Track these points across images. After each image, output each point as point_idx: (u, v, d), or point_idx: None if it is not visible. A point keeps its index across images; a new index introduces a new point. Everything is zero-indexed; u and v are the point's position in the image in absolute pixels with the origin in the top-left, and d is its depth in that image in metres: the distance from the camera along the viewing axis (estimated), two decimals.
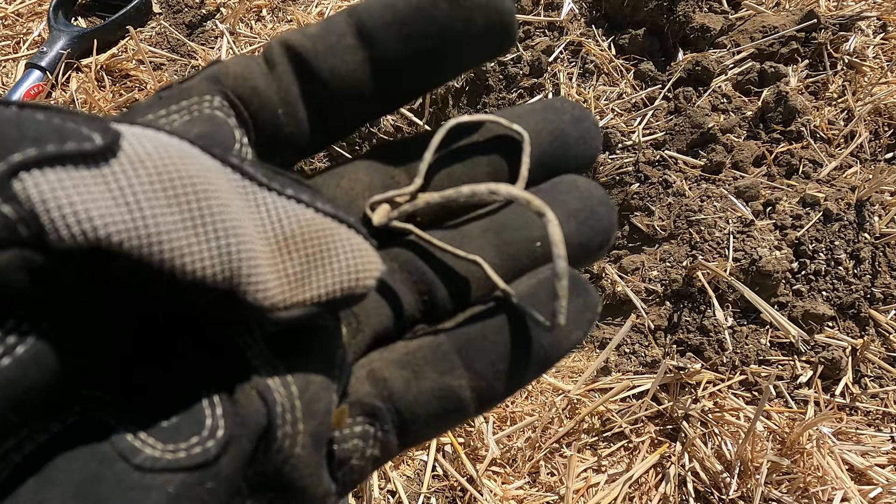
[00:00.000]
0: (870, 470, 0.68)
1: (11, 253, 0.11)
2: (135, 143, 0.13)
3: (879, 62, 0.99)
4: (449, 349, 0.17)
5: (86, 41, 1.03)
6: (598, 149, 0.22)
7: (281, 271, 0.15)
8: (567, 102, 0.22)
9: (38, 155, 0.12)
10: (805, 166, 0.86)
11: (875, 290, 0.77)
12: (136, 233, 0.12)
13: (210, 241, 0.13)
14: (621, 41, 1.02)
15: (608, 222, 0.21)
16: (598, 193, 0.21)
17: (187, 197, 0.13)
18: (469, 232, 0.20)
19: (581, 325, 0.19)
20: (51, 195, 0.12)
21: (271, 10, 1.13)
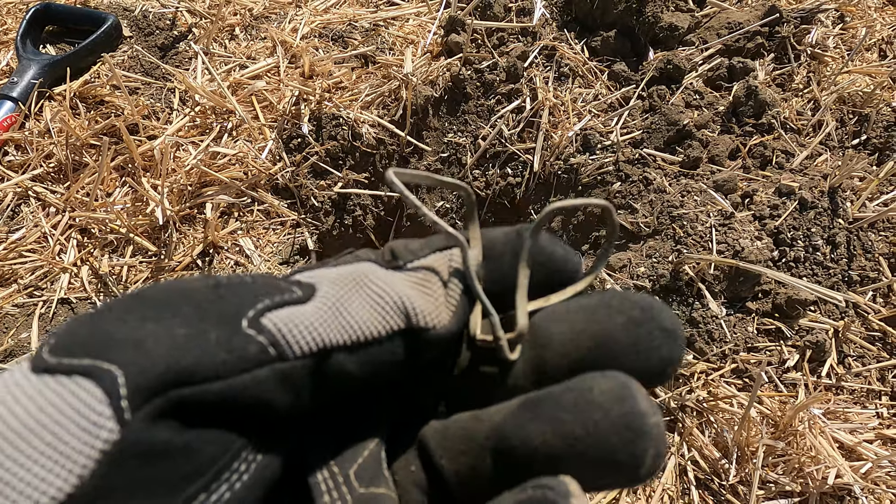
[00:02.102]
0: (859, 446, 0.71)
1: (268, 369, 0.16)
2: (321, 281, 0.19)
3: (840, 52, 1.03)
4: None
5: (57, 69, 1.02)
6: (666, 361, 0.18)
7: (429, 298, 0.19)
8: (628, 300, 0.18)
9: (271, 302, 0.17)
10: (778, 157, 0.89)
11: (852, 272, 0.80)
12: (342, 327, 0.17)
13: (383, 304, 0.18)
14: (593, 43, 1.04)
15: (625, 457, 0.16)
16: (616, 412, 0.16)
17: (358, 287, 0.19)
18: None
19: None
20: (289, 323, 0.17)
21: (244, 29, 1.13)
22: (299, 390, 0.17)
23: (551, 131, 0.94)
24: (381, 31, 1.11)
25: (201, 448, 0.15)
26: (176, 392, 0.15)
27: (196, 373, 0.15)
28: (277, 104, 1.00)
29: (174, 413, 0.15)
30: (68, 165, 0.94)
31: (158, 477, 0.15)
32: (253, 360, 0.16)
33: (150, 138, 0.97)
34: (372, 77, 1.04)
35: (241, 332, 0.16)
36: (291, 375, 0.16)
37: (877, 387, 0.76)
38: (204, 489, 0.15)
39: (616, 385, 0.16)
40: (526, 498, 0.16)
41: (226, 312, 0.16)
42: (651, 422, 0.16)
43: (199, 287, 0.17)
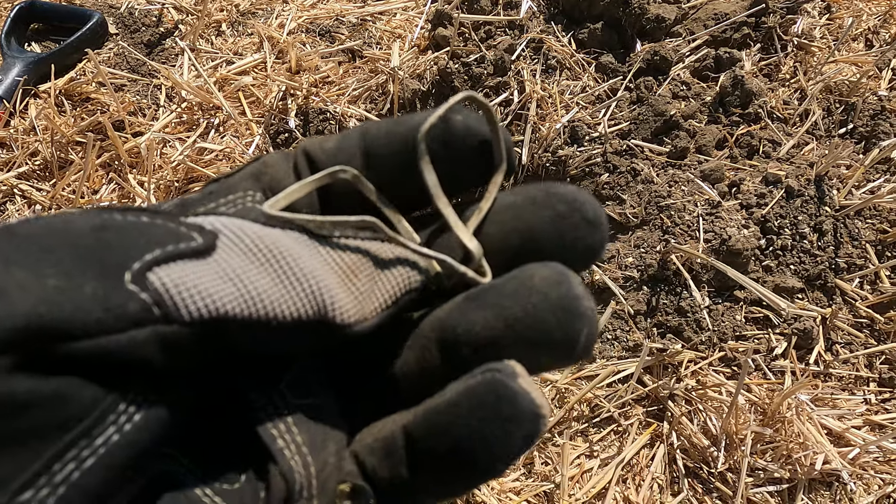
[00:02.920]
0: (847, 432, 0.71)
1: (149, 329, 0.15)
2: (227, 234, 0.17)
3: (826, 42, 1.03)
4: (400, 443, 0.18)
5: (42, 66, 1.01)
6: (591, 249, 0.19)
7: (353, 293, 0.18)
8: (553, 194, 0.19)
9: (162, 254, 0.15)
10: (765, 146, 0.90)
11: (839, 260, 0.80)
12: (243, 299, 0.16)
13: (297, 289, 0.17)
14: (581, 36, 1.04)
15: (561, 336, 0.17)
16: (554, 295, 0.17)
17: (271, 262, 0.17)
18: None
19: (508, 442, 0.16)
20: (179, 282, 0.15)
21: (231, 25, 1.13)
22: (183, 357, 0.16)
23: (539, 124, 0.94)
24: (369, 25, 1.11)
25: (75, 398, 0.14)
26: (40, 345, 0.14)
27: (64, 330, 0.14)
28: (264, 99, 0.99)
29: (39, 363, 0.14)
30: (54, 163, 0.93)
31: (26, 428, 0.14)
32: (131, 320, 0.14)
33: (136, 135, 0.97)
34: (359, 71, 1.04)
35: (123, 288, 0.15)
36: (175, 341, 0.15)
37: (864, 373, 0.76)
38: (84, 435, 0.15)
39: (554, 272, 0.18)
40: (475, 382, 0.17)
41: (108, 262, 0.15)
42: (585, 304, 0.17)
43: (83, 228, 0.15)
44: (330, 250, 0.18)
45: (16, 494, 0.14)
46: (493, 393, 0.17)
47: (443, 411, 0.17)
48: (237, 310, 0.16)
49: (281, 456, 0.17)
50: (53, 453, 0.14)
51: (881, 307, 0.79)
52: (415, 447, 0.18)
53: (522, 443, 0.16)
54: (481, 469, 0.17)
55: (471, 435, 0.17)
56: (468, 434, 0.17)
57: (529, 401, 0.16)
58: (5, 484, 0.14)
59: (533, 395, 0.17)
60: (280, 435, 0.18)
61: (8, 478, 0.14)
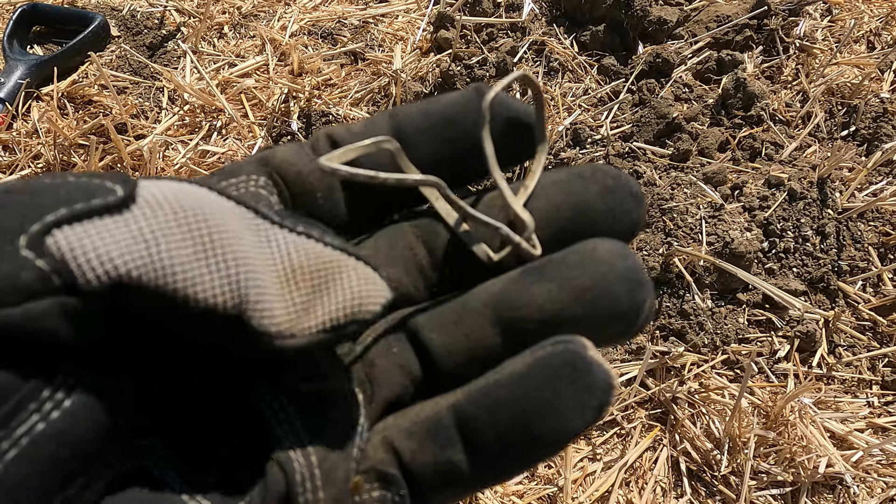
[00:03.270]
0: (850, 435, 0.71)
1: (49, 301, 0.13)
2: (153, 190, 0.15)
3: (829, 44, 1.03)
4: (449, 423, 0.17)
5: (45, 69, 1.01)
6: (635, 222, 0.19)
7: (288, 300, 0.16)
8: (599, 171, 0.19)
9: (68, 213, 0.13)
10: (767, 149, 0.90)
11: (842, 262, 0.80)
12: (152, 266, 0.14)
13: (220, 271, 0.15)
14: (583, 38, 1.04)
15: (628, 304, 0.17)
16: (620, 266, 0.17)
17: (200, 232, 0.15)
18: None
19: (583, 412, 0.16)
20: (77, 245, 0.13)
21: (233, 27, 1.13)
22: (92, 328, 0.14)
23: None
24: (371, 27, 1.11)
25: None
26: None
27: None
28: (266, 102, 0.99)
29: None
30: (56, 166, 0.93)
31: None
32: (25, 291, 0.13)
33: (138, 137, 0.97)
34: (361, 74, 1.04)
35: (16, 255, 0.13)
36: (80, 312, 0.13)
37: (867, 376, 0.76)
38: (1, 426, 0.13)
39: (617, 245, 0.18)
40: (546, 353, 0.17)
41: (3, 228, 0.13)
42: (647, 277, 0.18)
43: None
44: (282, 244, 0.16)
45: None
46: (568, 364, 0.16)
47: (507, 383, 0.17)
48: (142, 276, 0.14)
49: (278, 444, 0.16)
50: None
51: (884, 310, 0.79)
52: (469, 426, 0.17)
53: (594, 413, 0.16)
54: (546, 442, 0.16)
55: (542, 406, 0.16)
56: (540, 405, 0.16)
57: (604, 371, 0.16)
58: None
59: (605, 365, 0.17)
60: (279, 423, 0.17)
61: None
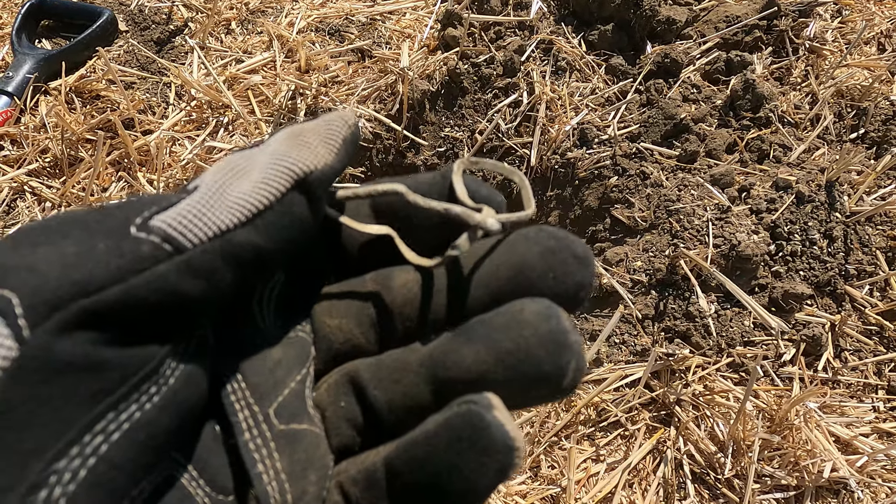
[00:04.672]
0: (855, 440, 0.71)
1: (167, 262, 0.16)
2: (205, 178, 0.19)
3: (838, 45, 1.02)
4: (381, 475, 0.19)
5: (53, 63, 1.01)
6: (579, 284, 0.19)
7: (304, 148, 0.20)
8: (543, 231, 0.19)
9: (157, 208, 0.17)
10: (775, 151, 0.89)
11: (849, 266, 0.80)
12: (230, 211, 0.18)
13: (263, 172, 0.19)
14: (591, 37, 1.03)
15: (550, 367, 0.17)
16: (543, 328, 0.17)
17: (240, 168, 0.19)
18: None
19: (485, 473, 0.17)
20: (177, 220, 0.17)
21: (241, 23, 1.13)
22: (211, 275, 0.17)
23: (548, 125, 0.94)
24: (378, 25, 1.10)
25: (111, 367, 0.15)
26: (76, 304, 0.15)
27: (91, 282, 0.15)
28: (273, 98, 0.99)
29: (81, 328, 0.15)
30: (64, 160, 0.93)
31: (62, 394, 0.15)
32: (149, 259, 0.16)
33: (145, 133, 0.97)
34: (368, 71, 1.03)
35: (131, 237, 0.16)
36: (196, 263, 0.17)
37: (873, 381, 0.76)
38: (112, 408, 0.15)
39: (543, 307, 0.18)
40: (452, 414, 0.17)
41: (113, 225, 0.17)
42: (573, 338, 0.18)
43: (88, 211, 0.17)
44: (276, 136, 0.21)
45: (52, 462, 0.14)
46: (468, 425, 0.17)
47: (421, 443, 0.18)
48: (230, 218, 0.17)
49: (258, 480, 0.18)
50: (86, 422, 0.15)
51: (891, 314, 0.78)
52: (395, 479, 0.18)
53: (495, 475, 0.17)
54: (458, 501, 0.17)
55: (447, 467, 0.17)
56: (445, 466, 0.17)
57: (503, 432, 0.17)
58: (41, 451, 0.14)
59: (507, 426, 0.17)
60: (261, 459, 0.18)
61: (45, 444, 0.14)
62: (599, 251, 0.87)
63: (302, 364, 0.20)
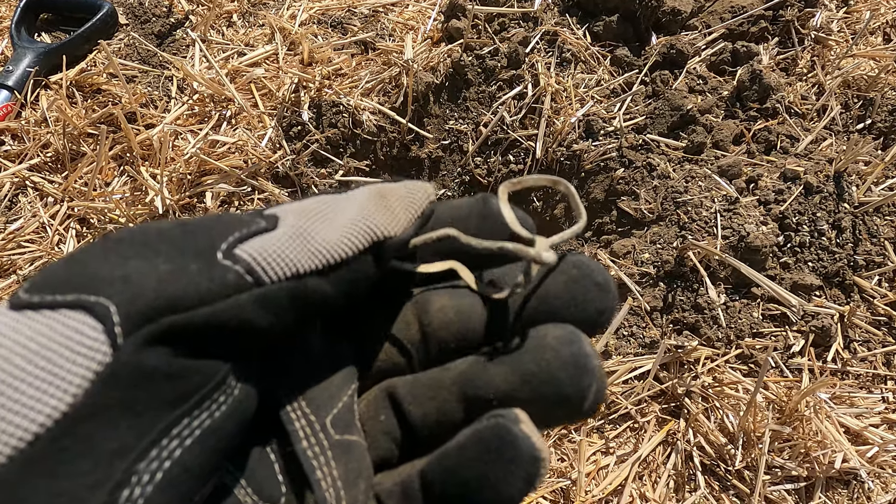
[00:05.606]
0: (865, 431, 0.71)
1: (247, 294, 0.17)
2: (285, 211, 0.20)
3: (844, 36, 1.02)
4: (417, 486, 0.20)
5: (53, 57, 1.00)
6: (600, 311, 0.20)
7: (388, 213, 0.20)
8: (568, 261, 0.21)
9: (240, 235, 0.18)
10: (783, 142, 0.89)
11: (857, 257, 0.80)
12: (311, 254, 0.18)
13: (345, 226, 0.19)
14: (595, 28, 1.03)
15: (571, 390, 0.19)
16: (565, 352, 0.19)
17: (323, 215, 0.20)
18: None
19: (512, 483, 0.18)
20: (261, 253, 0.18)
21: (242, 16, 1.12)
22: (280, 312, 0.18)
23: (553, 118, 0.94)
24: (381, 17, 1.09)
25: (188, 376, 0.16)
26: (167, 319, 0.16)
27: (183, 301, 0.16)
28: (277, 91, 0.98)
29: (164, 340, 0.16)
30: (66, 155, 0.93)
31: (146, 399, 0.16)
32: (232, 287, 0.17)
33: (148, 127, 0.96)
34: (372, 64, 1.03)
35: (219, 263, 0.17)
36: (270, 299, 0.18)
37: (882, 371, 0.76)
38: (187, 414, 0.16)
39: (566, 332, 0.19)
40: (482, 427, 0.19)
41: (201, 247, 0.17)
42: (594, 362, 0.19)
43: (170, 227, 0.18)
44: (361, 191, 0.21)
45: (134, 462, 0.15)
46: (496, 437, 0.18)
47: (453, 454, 0.19)
48: (309, 263, 0.18)
49: (318, 487, 0.19)
50: (164, 426, 0.16)
51: None
52: (429, 490, 0.19)
53: (523, 485, 0.18)
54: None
55: (477, 476, 0.18)
56: (475, 475, 0.18)
57: (530, 444, 0.18)
58: (126, 452, 0.15)
59: (533, 438, 0.18)
60: (320, 466, 0.19)
61: (129, 445, 0.15)
62: (606, 243, 0.87)
63: (350, 381, 0.22)
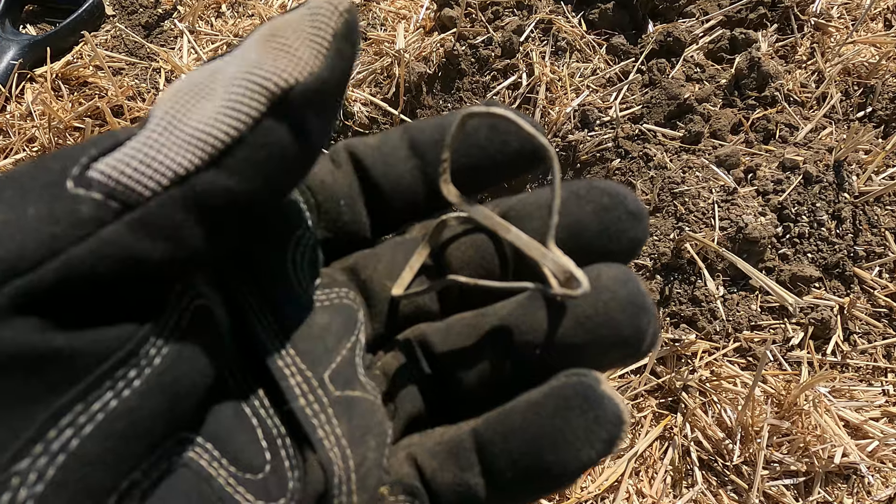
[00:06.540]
0: (865, 424, 0.69)
1: (116, 224, 0.14)
2: (159, 107, 0.16)
3: (844, 22, 1.00)
4: (469, 446, 0.18)
5: (38, 49, 0.98)
6: (633, 241, 0.19)
7: (280, 52, 0.15)
8: (596, 188, 0.19)
9: (97, 151, 0.14)
10: (782, 131, 0.87)
11: (858, 248, 0.78)
12: (187, 143, 0.14)
13: (225, 92, 0.15)
14: (591, 16, 1.01)
15: (630, 331, 0.17)
16: (622, 293, 0.17)
17: (199, 90, 0.15)
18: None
19: (592, 444, 0.16)
20: (123, 165, 0.14)
21: (231, 6, 1.10)
22: (175, 233, 0.14)
23: (548, 107, 0.92)
24: (372, 5, 1.07)
25: (70, 353, 0.13)
26: (8, 287, 0.13)
27: (23, 258, 0.13)
28: None
29: (22, 312, 0.13)
30: (52, 149, 0.91)
31: (12, 389, 0.13)
32: (90, 222, 0.13)
33: (135, 120, 0.94)
34: (363, 54, 1.01)
35: (67, 196, 0.13)
36: (153, 220, 0.14)
37: (883, 364, 0.74)
38: (79, 399, 0.14)
39: (620, 272, 0.18)
40: (560, 384, 0.17)
41: (47, 181, 0.14)
42: (649, 301, 0.18)
43: (25, 166, 0.14)
44: (247, 38, 0.17)
45: (11, 462, 0.13)
46: (579, 395, 0.17)
47: (521, 411, 0.17)
48: (189, 157, 0.14)
49: (321, 446, 0.17)
50: (47, 416, 0.13)
51: None
52: (486, 450, 0.18)
53: (603, 446, 0.17)
54: (556, 472, 0.17)
55: (551, 434, 0.17)
56: (549, 433, 0.17)
57: (615, 405, 0.17)
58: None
59: (617, 400, 0.17)
60: (321, 425, 0.18)
61: (2, 444, 0.13)
62: None
63: (350, 332, 0.19)
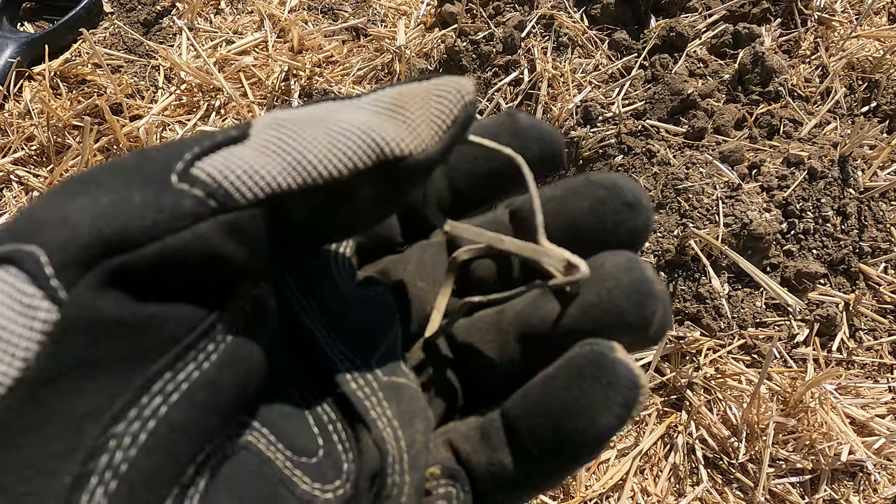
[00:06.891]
0: (871, 422, 0.69)
1: (210, 221, 0.14)
2: (258, 120, 0.17)
3: (848, 16, 0.99)
4: (499, 425, 0.19)
5: (36, 47, 0.98)
6: (633, 230, 0.19)
7: (405, 123, 0.16)
8: (592, 182, 0.19)
9: (200, 149, 0.15)
10: (786, 126, 0.86)
11: (863, 244, 0.78)
12: (292, 168, 0.15)
13: (345, 138, 0.16)
14: (593, 11, 1.00)
15: (635, 318, 0.17)
16: (625, 280, 0.17)
17: (310, 123, 0.16)
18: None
19: (609, 409, 0.16)
20: (225, 169, 0.15)
21: (230, 2, 1.09)
22: (255, 242, 0.15)
23: (550, 104, 0.91)
24: (373, 1, 1.07)
25: (162, 323, 0.14)
26: (109, 262, 0.13)
27: (126, 238, 0.14)
28: (266, 80, 0.96)
29: (120, 285, 0.14)
30: (51, 148, 0.90)
31: (113, 355, 0.14)
32: (190, 216, 0.14)
33: (134, 118, 0.94)
34: (364, 50, 1.00)
35: (171, 189, 0.14)
36: (241, 226, 0.15)
37: (889, 360, 0.74)
38: (168, 368, 0.14)
39: (624, 258, 0.18)
40: (574, 354, 0.17)
41: (152, 172, 0.15)
42: (657, 287, 0.18)
43: (129, 156, 0.15)
44: (368, 96, 0.17)
45: (110, 425, 0.13)
46: (591, 362, 0.17)
47: (539, 386, 0.18)
48: (287, 180, 0.15)
49: (374, 426, 0.18)
50: (141, 382, 0.14)
51: None
52: (512, 428, 0.18)
53: (621, 410, 0.17)
54: (577, 442, 0.17)
55: (568, 404, 0.17)
56: (566, 403, 0.17)
57: (628, 369, 0.17)
58: (98, 415, 0.13)
59: (631, 365, 0.17)
60: (373, 406, 0.18)
61: (100, 407, 0.13)
62: None
63: (391, 326, 0.20)
